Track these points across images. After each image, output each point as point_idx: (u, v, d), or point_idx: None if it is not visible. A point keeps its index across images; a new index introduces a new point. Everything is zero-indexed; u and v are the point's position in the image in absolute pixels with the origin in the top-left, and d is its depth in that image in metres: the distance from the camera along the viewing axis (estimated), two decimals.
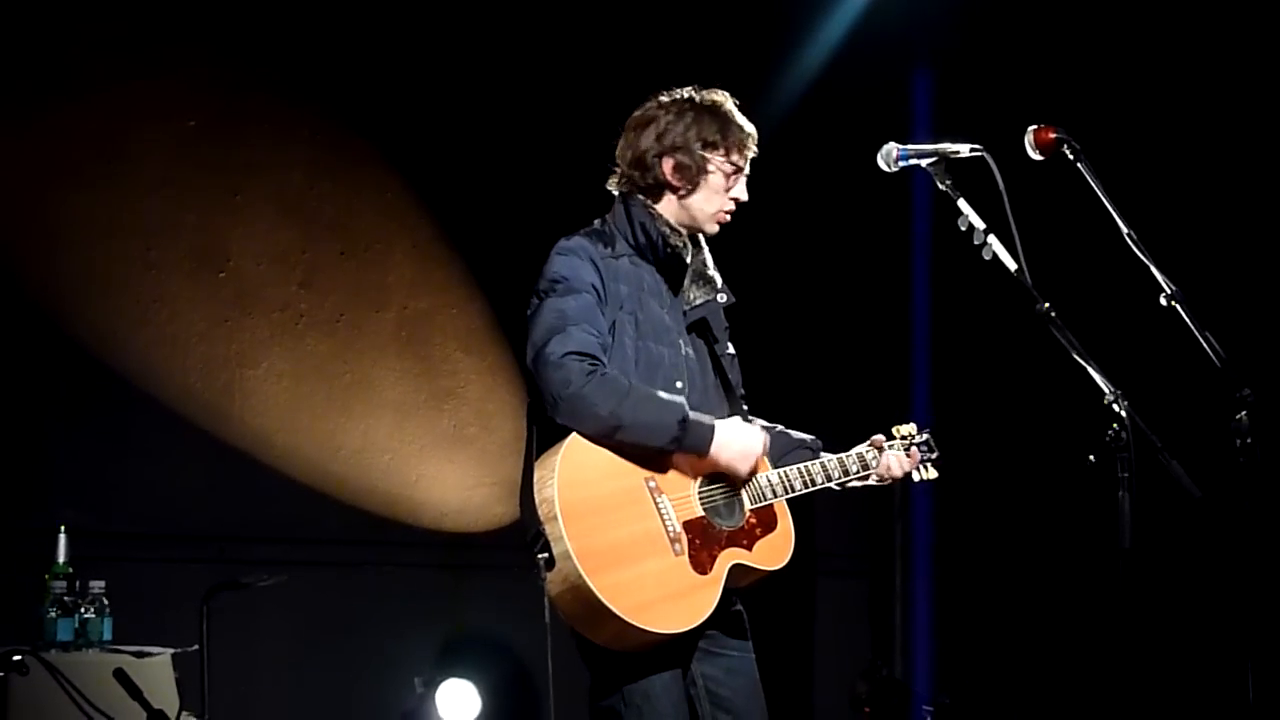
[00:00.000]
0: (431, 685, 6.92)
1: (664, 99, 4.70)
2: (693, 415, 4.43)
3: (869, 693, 8.05)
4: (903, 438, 5.02)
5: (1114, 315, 6.52)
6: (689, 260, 4.69)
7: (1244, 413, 4.06)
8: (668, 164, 4.63)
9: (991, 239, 4.17)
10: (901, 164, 4.42)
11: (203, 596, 5.99)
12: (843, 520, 9.07)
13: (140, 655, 5.54)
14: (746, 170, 4.70)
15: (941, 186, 4.31)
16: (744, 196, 4.69)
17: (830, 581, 9.08)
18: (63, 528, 5.74)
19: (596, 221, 4.72)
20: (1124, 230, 4.20)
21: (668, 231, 4.63)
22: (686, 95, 4.69)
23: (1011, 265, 4.15)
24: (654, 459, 4.44)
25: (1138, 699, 4.34)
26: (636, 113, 4.74)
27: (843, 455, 4.87)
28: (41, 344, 6.61)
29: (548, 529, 4.27)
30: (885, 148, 4.45)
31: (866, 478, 4.92)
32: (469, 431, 7.68)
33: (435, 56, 7.63)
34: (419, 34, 7.59)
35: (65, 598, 5.63)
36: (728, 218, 4.71)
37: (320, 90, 7.37)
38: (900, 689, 8.13)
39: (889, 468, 4.92)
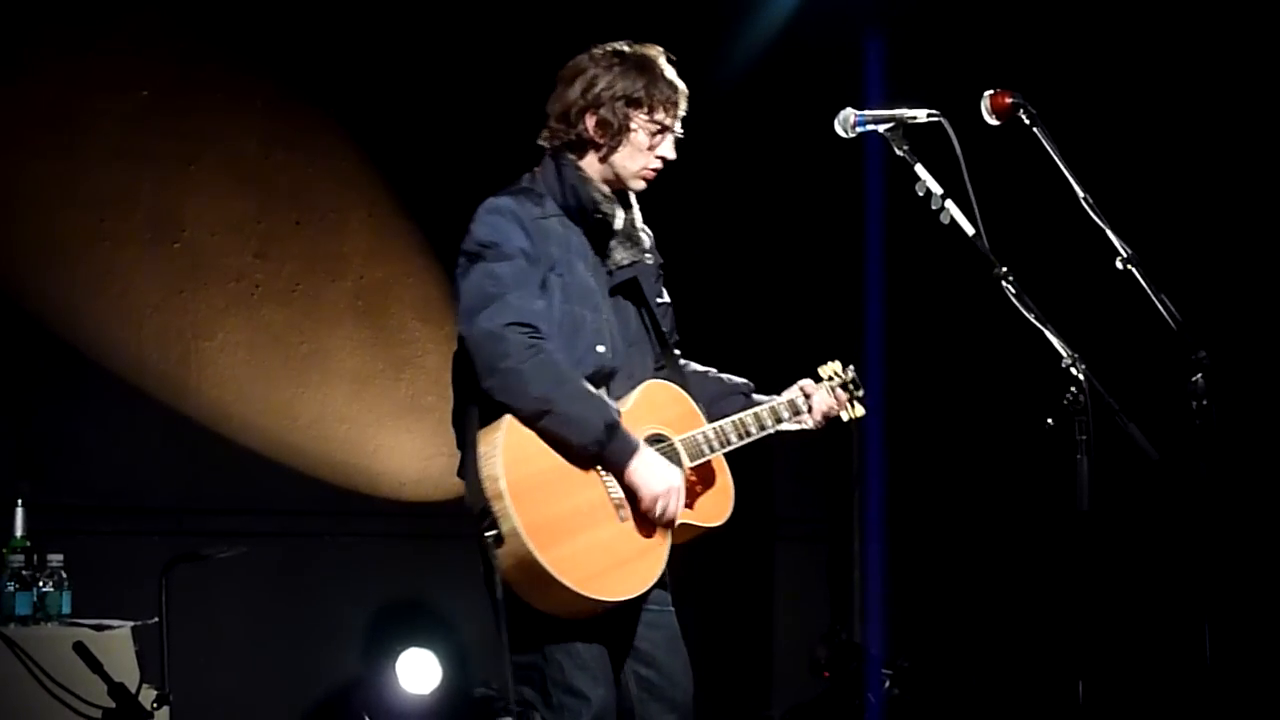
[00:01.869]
0: (391, 655, 6.92)
1: (595, 51, 4.66)
2: (623, 428, 4.40)
3: (828, 657, 8.08)
4: (829, 377, 5.03)
5: (1071, 279, 6.54)
6: (617, 226, 4.66)
7: (1200, 375, 4.08)
8: (591, 120, 4.59)
9: (949, 204, 4.18)
10: (859, 129, 4.42)
11: (162, 569, 5.97)
12: (801, 485, 9.10)
13: (100, 628, 5.52)
14: (674, 128, 4.65)
15: (899, 152, 4.31)
16: (670, 155, 4.64)
17: (789, 547, 9.11)
18: (20, 501, 5.71)
19: (525, 177, 4.67)
20: (1080, 194, 4.21)
21: (599, 198, 4.60)
22: (616, 48, 4.65)
23: (969, 230, 4.17)
24: None
25: (1096, 661, 4.36)
26: (569, 64, 4.69)
27: (774, 402, 4.87)
28: None
29: (494, 506, 4.26)
30: (843, 113, 4.45)
31: (802, 422, 4.92)
32: (427, 400, 7.66)
33: (390, 24, 7.59)
34: (374, 1, 7.56)
35: (23, 571, 5.59)
36: (653, 175, 4.67)
37: (275, 59, 7.33)
38: (859, 653, 8.17)
39: (819, 410, 4.91)
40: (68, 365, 6.73)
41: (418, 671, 6.94)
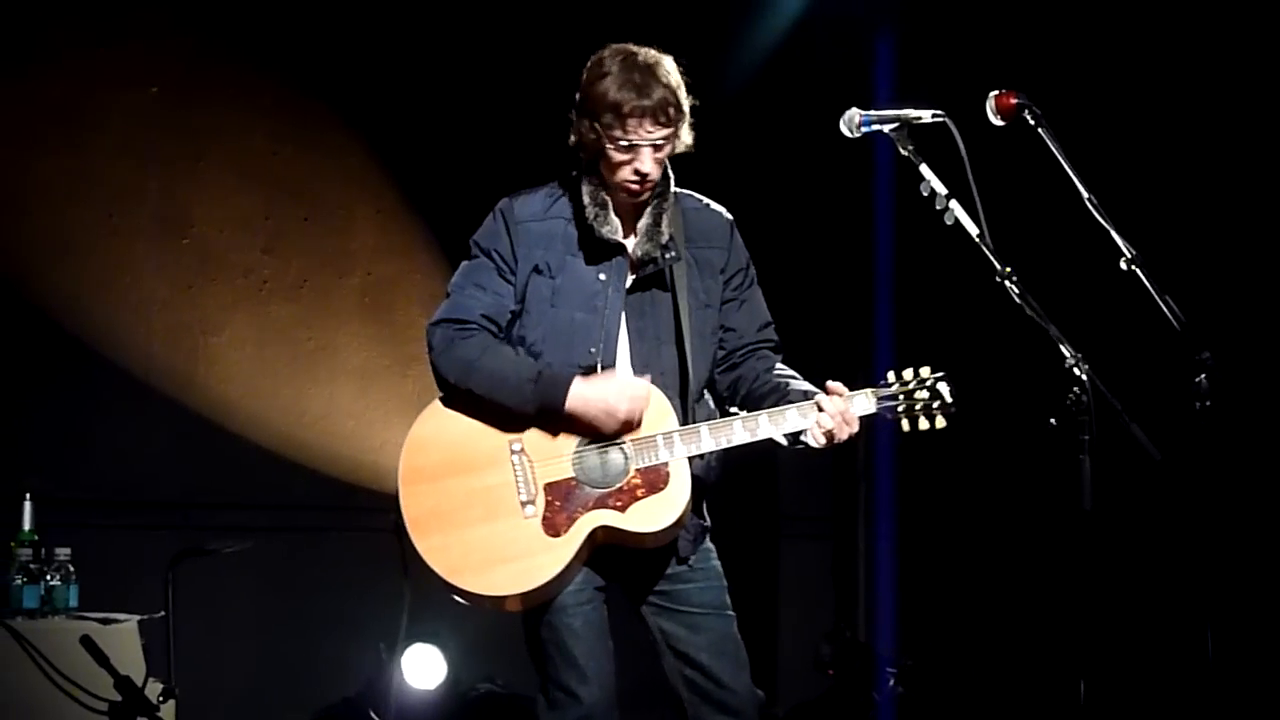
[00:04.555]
0: (396, 650, 6.92)
1: (594, 57, 4.54)
2: (549, 371, 4.42)
3: (833, 655, 8.08)
4: (902, 382, 4.90)
5: (1075, 279, 6.54)
6: (604, 233, 4.53)
7: (1203, 375, 4.09)
8: (574, 133, 4.57)
9: (953, 204, 4.19)
10: (864, 130, 4.42)
11: (168, 563, 5.99)
12: (807, 483, 9.10)
13: (106, 622, 5.55)
14: (637, 142, 4.45)
15: (904, 152, 4.32)
16: (644, 168, 4.46)
17: (794, 544, 9.11)
18: (28, 495, 5.74)
19: (575, 170, 4.62)
20: (1084, 195, 4.22)
21: (586, 202, 4.54)
22: (601, 56, 4.53)
23: (973, 230, 4.18)
24: (526, 422, 4.46)
25: (1099, 660, 4.37)
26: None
27: (786, 407, 4.53)
28: (5, 312, 6.60)
29: (398, 495, 4.47)
30: (848, 113, 4.45)
31: (809, 437, 4.51)
32: (433, 396, 7.66)
33: (397, 20, 7.60)
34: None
35: (31, 565, 5.63)
36: (635, 187, 4.50)
37: (282, 55, 7.35)
38: (864, 651, 8.17)
39: (821, 427, 4.47)
40: (76, 360, 6.75)
41: (423, 667, 6.95)
